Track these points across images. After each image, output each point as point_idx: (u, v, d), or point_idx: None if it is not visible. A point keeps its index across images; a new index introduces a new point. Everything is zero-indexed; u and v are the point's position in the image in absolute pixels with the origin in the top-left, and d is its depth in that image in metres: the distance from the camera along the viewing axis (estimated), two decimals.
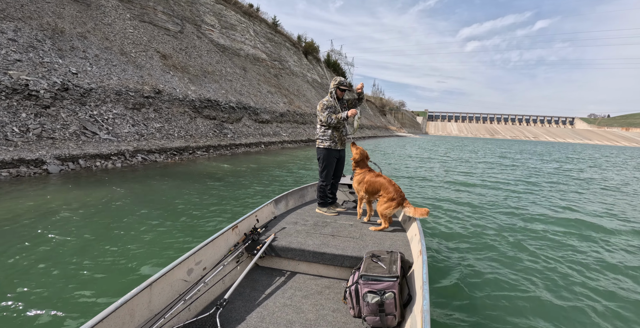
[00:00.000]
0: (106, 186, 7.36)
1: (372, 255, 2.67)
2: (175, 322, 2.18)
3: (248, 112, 21.18)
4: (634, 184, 12.05)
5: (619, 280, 4.00)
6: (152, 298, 2.10)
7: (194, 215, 5.65)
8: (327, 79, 52.81)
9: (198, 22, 24.83)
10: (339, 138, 4.32)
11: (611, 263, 4.47)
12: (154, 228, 4.91)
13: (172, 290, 2.29)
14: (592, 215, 7.00)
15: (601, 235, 5.66)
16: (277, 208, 4.23)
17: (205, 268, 2.66)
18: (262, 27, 37.36)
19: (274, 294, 2.71)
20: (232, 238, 3.10)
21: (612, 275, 4.13)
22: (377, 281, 2.34)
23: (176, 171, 9.88)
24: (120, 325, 1.85)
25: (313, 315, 2.42)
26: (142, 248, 4.15)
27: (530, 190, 9.70)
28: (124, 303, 1.88)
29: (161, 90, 15.01)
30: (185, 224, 5.17)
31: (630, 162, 25.19)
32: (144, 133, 12.36)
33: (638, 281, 3.97)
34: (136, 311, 1.98)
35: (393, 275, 2.36)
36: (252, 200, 6.81)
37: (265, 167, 11.75)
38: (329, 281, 2.96)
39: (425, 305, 1.89)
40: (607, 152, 44.46)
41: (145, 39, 17.53)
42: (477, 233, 5.51)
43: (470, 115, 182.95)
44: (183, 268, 2.42)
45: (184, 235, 4.66)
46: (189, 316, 2.34)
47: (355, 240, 3.34)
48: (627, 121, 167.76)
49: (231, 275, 2.92)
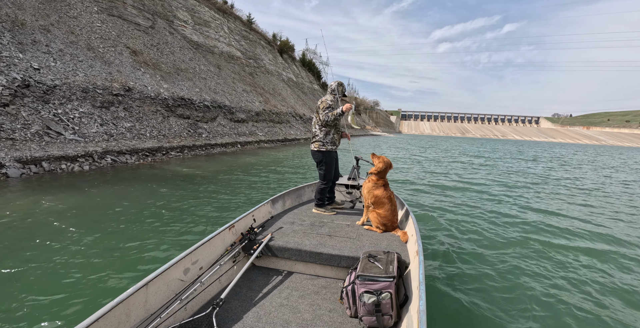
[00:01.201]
0: (73, 191, 6.87)
1: (369, 255, 2.69)
2: (171, 321, 2.18)
3: (223, 111, 20.65)
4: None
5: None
6: (148, 298, 2.10)
7: (170, 223, 5.31)
8: (302, 78, 52.51)
9: (170, 18, 24.00)
10: (338, 140, 4.41)
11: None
12: (126, 239, 4.56)
13: (168, 290, 2.29)
14: (595, 216, 7.14)
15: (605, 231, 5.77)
16: (274, 208, 4.23)
17: (202, 268, 2.67)
18: (237, 24, 36.65)
19: (270, 294, 2.71)
20: (229, 238, 3.11)
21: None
22: (373, 282, 2.36)
23: (149, 173, 9.40)
24: (116, 324, 1.84)
25: (310, 315, 2.43)
26: (111, 262, 3.82)
27: (521, 190, 9.84)
28: (119, 302, 1.87)
29: (131, 87, 14.33)
30: (161, 233, 4.84)
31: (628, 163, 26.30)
32: (113, 133, 11.74)
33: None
34: (132, 310, 1.97)
35: (389, 275, 2.39)
36: (231, 204, 6.51)
37: (242, 168, 11.41)
38: (325, 281, 2.97)
39: (422, 306, 1.91)
40: (584, 150, 46.46)
41: (114, 34, 16.72)
42: (475, 234, 5.54)
43: (442, 114, 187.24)
44: (179, 267, 2.43)
45: (158, 247, 4.34)
46: (185, 316, 2.34)
47: (352, 240, 3.34)
48: (588, 121, 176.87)
49: (228, 275, 2.90)
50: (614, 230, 6.11)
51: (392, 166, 3.92)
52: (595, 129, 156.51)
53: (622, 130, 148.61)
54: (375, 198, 3.73)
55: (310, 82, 57.16)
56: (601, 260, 4.68)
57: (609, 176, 15.20)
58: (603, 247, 5.20)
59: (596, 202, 8.68)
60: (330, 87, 4.41)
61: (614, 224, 6.60)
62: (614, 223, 6.64)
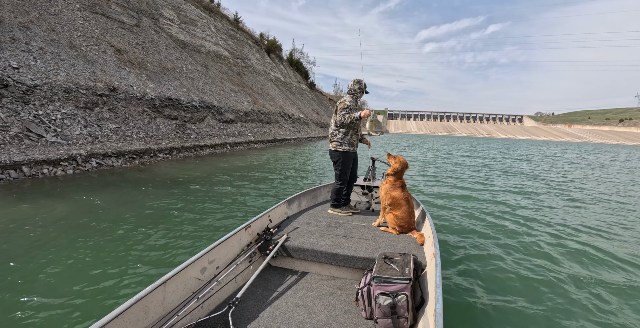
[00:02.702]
0: (57, 198, 6.46)
1: (385, 256, 2.67)
2: (188, 319, 2.18)
3: (211, 111, 20.20)
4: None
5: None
6: (166, 296, 2.12)
7: (161, 232, 4.98)
8: (290, 77, 52.12)
9: (155, 16, 23.39)
10: (356, 141, 4.35)
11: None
12: (117, 251, 4.22)
13: (186, 288, 2.31)
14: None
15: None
16: (290, 209, 4.25)
17: (219, 267, 2.70)
18: (224, 23, 36.08)
19: (286, 294, 2.71)
20: (245, 238, 3.14)
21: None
22: (389, 283, 2.34)
23: (137, 177, 8.99)
24: (135, 321, 1.86)
25: (325, 316, 2.42)
26: (100, 277, 3.49)
27: (532, 193, 9.73)
28: (138, 300, 1.88)
29: (116, 87, 13.81)
30: (151, 246, 4.51)
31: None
32: (98, 135, 11.25)
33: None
34: (150, 308, 1.99)
35: (406, 277, 2.36)
36: (228, 208, 6.19)
37: (234, 169, 11.05)
38: (341, 283, 2.96)
39: (439, 309, 1.88)
40: (574, 148, 47.14)
41: (97, 32, 16.13)
42: (495, 236, 5.42)
43: (428, 114, 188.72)
44: (196, 266, 2.45)
45: (153, 260, 4.02)
46: (202, 314, 2.36)
47: (368, 242, 3.34)
48: (569, 119, 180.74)
49: (244, 275, 2.92)
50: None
51: (408, 166, 3.85)
52: (576, 127, 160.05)
53: (602, 128, 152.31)
54: (392, 200, 3.65)
55: (298, 82, 56.81)
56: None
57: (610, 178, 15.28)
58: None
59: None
60: (348, 87, 4.32)
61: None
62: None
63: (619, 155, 34.09)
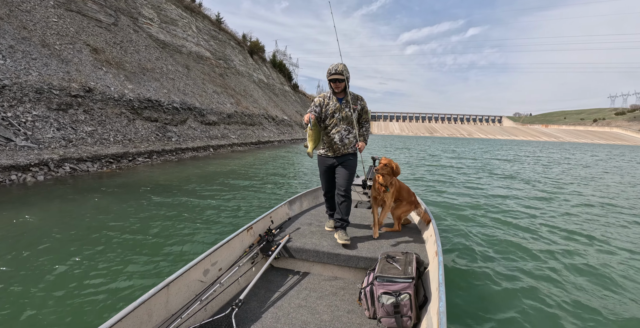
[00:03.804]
0: (24, 206, 5.98)
1: (387, 256, 2.67)
2: (191, 322, 2.18)
3: (193, 113, 19.66)
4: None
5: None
6: (169, 299, 2.11)
7: (140, 243, 4.61)
8: (273, 79, 51.67)
9: (134, 15, 22.69)
10: (329, 145, 3.46)
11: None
12: (87, 266, 3.84)
13: (189, 291, 2.31)
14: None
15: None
16: (291, 209, 4.26)
17: (221, 269, 2.69)
18: (205, 23, 35.43)
19: (288, 295, 2.71)
20: (247, 239, 3.13)
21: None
22: (392, 283, 2.34)
23: (114, 182, 8.51)
24: (138, 324, 1.85)
25: (328, 316, 2.41)
26: (66, 298, 3.12)
27: (528, 191, 9.68)
28: (142, 303, 1.87)
29: (92, 88, 13.21)
30: (126, 260, 4.14)
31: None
32: (72, 138, 10.67)
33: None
34: (154, 311, 1.98)
35: (408, 276, 2.36)
36: (210, 214, 5.84)
37: (218, 174, 10.65)
38: (343, 283, 2.95)
39: (442, 307, 1.87)
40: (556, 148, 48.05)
41: (72, 30, 15.44)
42: (497, 234, 5.42)
43: (410, 115, 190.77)
44: (199, 268, 2.44)
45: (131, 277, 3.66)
46: (205, 316, 2.35)
47: (369, 241, 3.34)
48: (546, 119, 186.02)
49: (246, 276, 2.92)
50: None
51: (396, 167, 3.63)
52: (553, 127, 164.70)
53: (577, 127, 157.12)
54: (376, 187, 3.64)
55: (282, 83, 56.39)
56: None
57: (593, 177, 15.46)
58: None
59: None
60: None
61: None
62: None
63: (612, 154, 34.92)
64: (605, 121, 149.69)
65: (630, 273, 4.18)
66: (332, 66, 3.30)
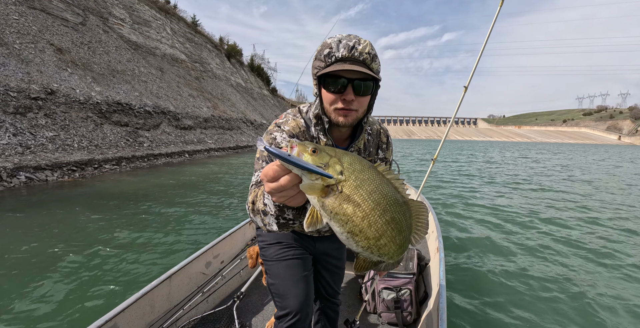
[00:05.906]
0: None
1: None
2: (193, 313, 2.18)
3: (167, 117, 18.82)
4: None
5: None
6: (171, 290, 2.09)
7: (97, 266, 4.00)
8: (251, 83, 50.92)
9: (104, 15, 21.69)
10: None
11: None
12: (41, 287, 3.23)
13: (191, 283, 2.29)
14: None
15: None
16: None
17: (223, 262, 2.68)
18: (181, 25, 34.49)
19: None
20: (249, 232, 3.12)
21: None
22: (393, 278, 2.32)
23: (74, 192, 7.75)
24: (141, 315, 1.83)
25: None
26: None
27: (530, 190, 9.44)
28: (144, 294, 1.86)
29: (55, 90, 12.30)
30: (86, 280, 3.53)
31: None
32: (30, 145, 9.79)
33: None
34: (156, 302, 1.96)
35: (409, 271, 2.35)
36: (181, 228, 5.23)
37: (194, 181, 9.97)
38: (345, 277, 2.85)
39: (442, 303, 1.86)
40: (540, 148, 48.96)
41: (34, 29, 14.46)
42: (498, 233, 5.42)
43: (388, 118, 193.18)
44: (201, 261, 2.43)
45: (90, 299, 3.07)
46: (207, 308, 2.36)
47: None
48: (519, 120, 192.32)
49: (248, 269, 2.91)
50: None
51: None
52: (525, 128, 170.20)
53: (548, 128, 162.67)
54: None
55: (260, 87, 55.65)
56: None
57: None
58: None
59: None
60: None
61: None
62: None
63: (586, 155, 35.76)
64: (574, 122, 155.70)
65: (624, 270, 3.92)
66: (342, 38, 1.12)
